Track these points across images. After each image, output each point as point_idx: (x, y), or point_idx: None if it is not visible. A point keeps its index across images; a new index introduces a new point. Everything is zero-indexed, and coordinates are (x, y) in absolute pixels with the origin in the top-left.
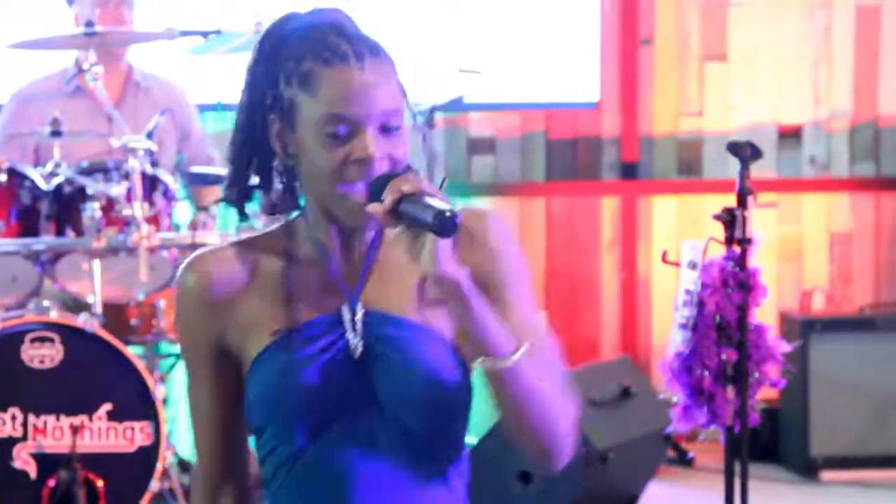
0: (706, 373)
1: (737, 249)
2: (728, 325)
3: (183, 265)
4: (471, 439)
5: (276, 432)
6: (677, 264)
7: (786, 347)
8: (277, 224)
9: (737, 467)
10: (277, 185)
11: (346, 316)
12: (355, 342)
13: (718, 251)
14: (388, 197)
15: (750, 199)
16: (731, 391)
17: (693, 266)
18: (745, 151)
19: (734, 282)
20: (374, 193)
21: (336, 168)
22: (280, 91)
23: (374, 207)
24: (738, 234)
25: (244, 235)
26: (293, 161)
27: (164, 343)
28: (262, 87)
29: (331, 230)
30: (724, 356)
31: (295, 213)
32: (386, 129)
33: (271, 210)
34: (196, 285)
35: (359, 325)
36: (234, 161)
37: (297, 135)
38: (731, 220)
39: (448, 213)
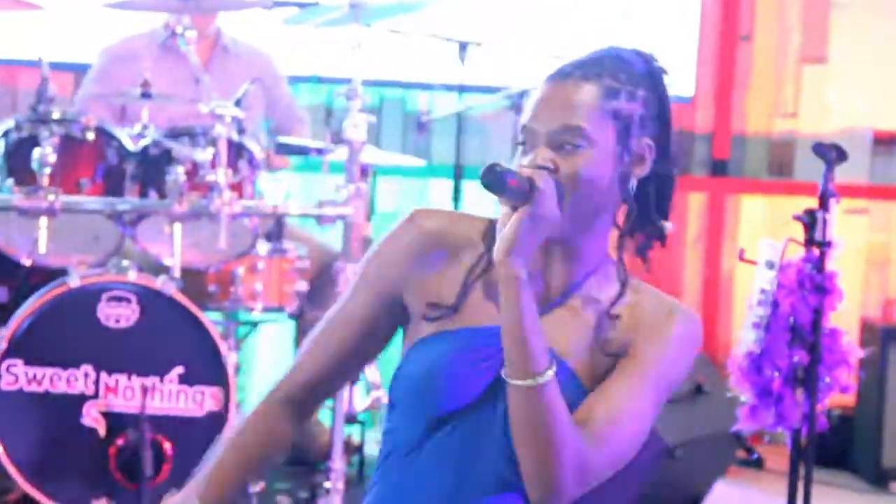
0: (776, 374)
1: (815, 252)
2: (801, 327)
3: (418, 209)
4: None
5: (406, 413)
6: (754, 263)
7: (859, 353)
8: None
9: (803, 471)
10: None
11: None
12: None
13: (797, 252)
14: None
15: (832, 201)
16: (800, 394)
17: (770, 266)
18: (830, 153)
19: (810, 284)
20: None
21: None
22: None
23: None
24: (817, 236)
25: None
26: None
27: (241, 311)
28: None
29: (540, 251)
30: (795, 358)
31: None
32: (557, 146)
33: None
34: (420, 232)
35: None
36: None
37: None
38: (811, 222)
39: (491, 164)
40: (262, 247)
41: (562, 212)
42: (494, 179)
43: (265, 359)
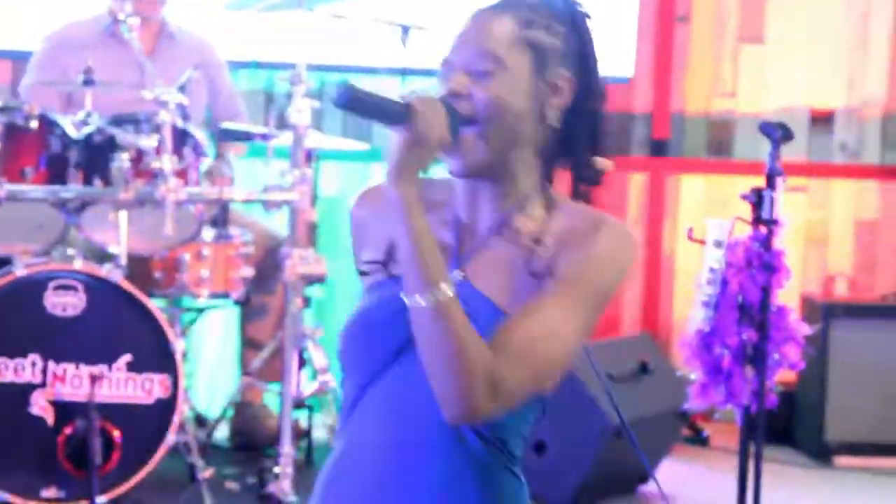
0: (726, 351)
1: (763, 230)
2: (750, 305)
3: (358, 194)
4: None
5: (348, 367)
6: (702, 242)
7: (806, 330)
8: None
9: (752, 448)
10: None
11: None
12: None
13: (744, 231)
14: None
15: (779, 180)
16: (749, 371)
17: (718, 245)
18: (776, 132)
19: (758, 262)
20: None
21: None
22: None
23: None
24: (765, 214)
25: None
26: None
27: (185, 297)
28: None
29: (467, 191)
30: (744, 336)
31: None
32: (471, 73)
33: None
34: (359, 212)
35: None
36: None
37: None
38: (758, 201)
39: (347, 85)
40: (208, 233)
41: (455, 136)
42: (348, 98)
43: (211, 345)
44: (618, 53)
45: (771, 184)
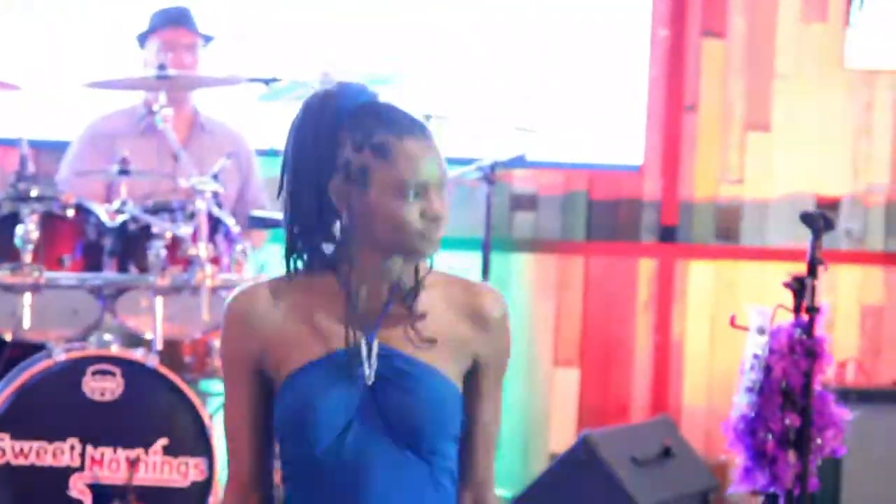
0: (770, 436)
1: (805, 317)
2: (793, 390)
3: (231, 296)
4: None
5: (298, 443)
6: (746, 329)
7: (847, 416)
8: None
9: None
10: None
11: (364, 350)
12: (370, 372)
13: (785, 318)
14: None
15: (820, 268)
16: (792, 455)
17: (761, 331)
18: (818, 222)
19: (801, 349)
20: None
21: (414, 221)
22: (347, 157)
23: None
24: (806, 302)
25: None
26: (352, 217)
27: (215, 381)
28: (323, 152)
29: (360, 277)
30: (787, 421)
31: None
32: (441, 191)
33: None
34: (240, 316)
35: (374, 358)
36: (302, 216)
37: (368, 195)
38: (800, 289)
39: None
40: None
41: None
42: None
43: None
44: (628, 142)
45: (812, 272)
